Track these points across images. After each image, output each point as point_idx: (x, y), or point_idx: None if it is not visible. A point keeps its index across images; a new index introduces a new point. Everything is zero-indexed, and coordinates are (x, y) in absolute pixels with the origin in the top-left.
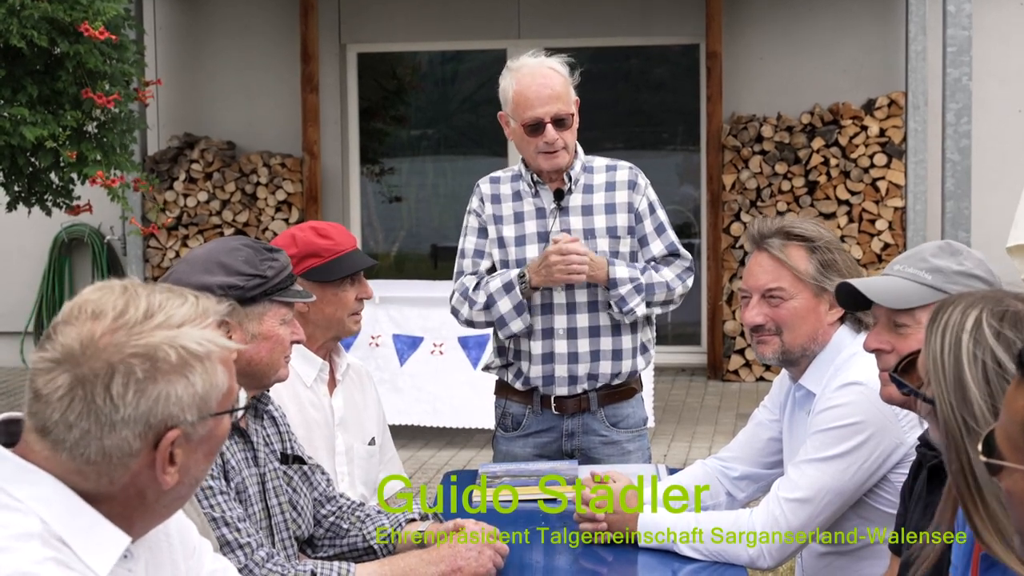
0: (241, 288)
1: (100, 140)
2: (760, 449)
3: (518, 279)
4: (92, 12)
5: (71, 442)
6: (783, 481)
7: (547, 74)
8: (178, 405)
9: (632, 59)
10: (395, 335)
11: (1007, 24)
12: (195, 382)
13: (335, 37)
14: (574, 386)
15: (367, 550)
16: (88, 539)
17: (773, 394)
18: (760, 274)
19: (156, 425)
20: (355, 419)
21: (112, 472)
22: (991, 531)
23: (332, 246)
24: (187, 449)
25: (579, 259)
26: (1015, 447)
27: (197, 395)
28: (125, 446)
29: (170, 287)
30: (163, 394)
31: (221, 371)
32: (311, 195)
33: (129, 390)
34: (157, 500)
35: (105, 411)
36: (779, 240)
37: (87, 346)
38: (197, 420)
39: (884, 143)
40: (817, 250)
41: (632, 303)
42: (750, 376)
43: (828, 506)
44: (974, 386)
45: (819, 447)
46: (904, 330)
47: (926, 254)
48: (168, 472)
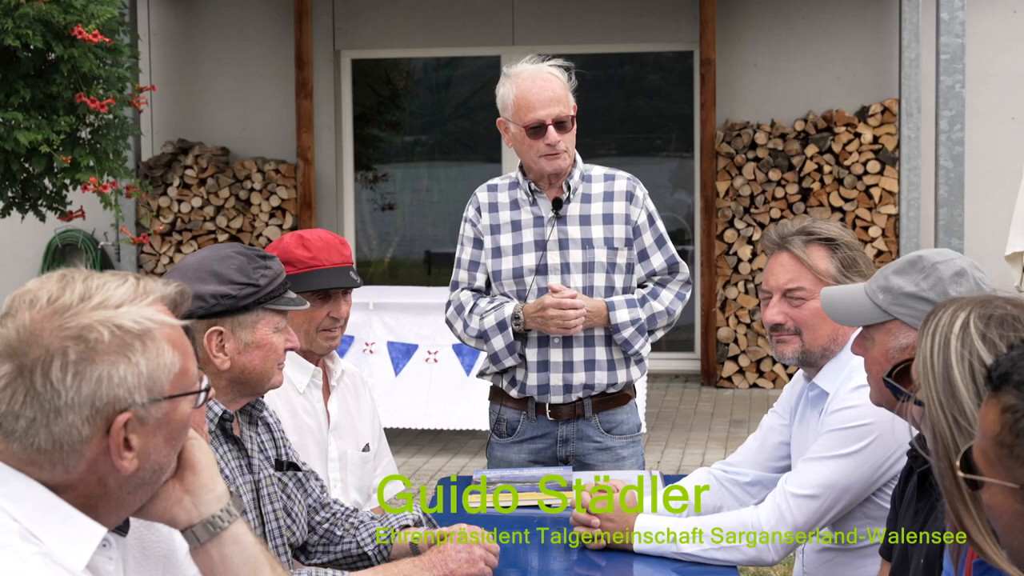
0: (234, 297)
1: (94, 146)
2: (771, 454)
3: (512, 320)
4: (86, 16)
5: (20, 432)
6: (791, 476)
7: (547, 77)
8: (123, 387)
9: (626, 66)
10: (389, 342)
11: (1000, 32)
12: (137, 362)
13: (329, 43)
14: (569, 394)
15: (361, 556)
16: (61, 533)
17: (783, 399)
18: (781, 273)
19: (103, 409)
20: (349, 425)
21: (66, 460)
22: (983, 532)
23: (308, 259)
24: (143, 433)
25: (575, 314)
26: (990, 462)
27: (143, 375)
28: (74, 432)
29: (112, 272)
30: (104, 375)
31: (168, 350)
32: (305, 201)
33: (67, 373)
34: (120, 487)
35: (47, 397)
36: (800, 239)
37: (24, 334)
38: (148, 402)
39: (877, 150)
40: (838, 250)
41: (637, 345)
42: (743, 383)
43: (835, 504)
44: (963, 387)
45: (831, 446)
46: (869, 343)
47: (890, 271)
48: (125, 457)
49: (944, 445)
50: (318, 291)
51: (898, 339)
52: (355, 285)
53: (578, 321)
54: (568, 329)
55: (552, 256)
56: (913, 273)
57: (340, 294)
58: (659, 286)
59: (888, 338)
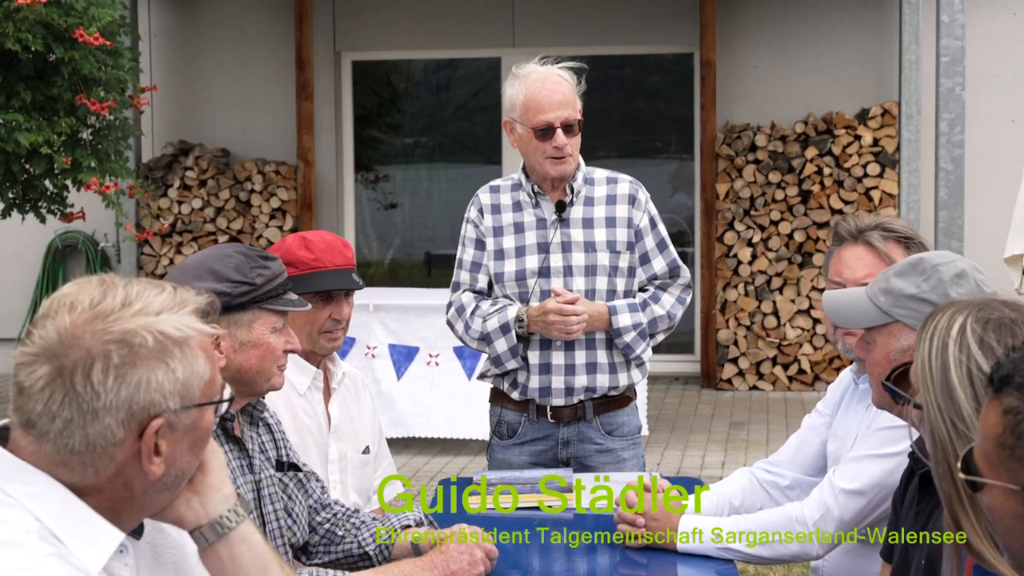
0: (228, 295)
1: (95, 147)
2: (812, 454)
3: (515, 323)
4: (87, 18)
5: (55, 432)
6: (839, 471)
7: (557, 80)
8: (159, 392)
9: (626, 67)
10: (391, 345)
11: (1000, 34)
12: (175, 368)
13: (330, 45)
14: (570, 397)
15: (362, 556)
16: (81, 535)
17: (828, 399)
18: (859, 267)
19: (139, 413)
20: (349, 427)
21: (97, 462)
22: (981, 536)
23: (310, 260)
24: (172, 439)
25: (577, 320)
26: (991, 464)
27: (178, 382)
28: (108, 435)
29: (148, 279)
30: (144, 380)
31: (201, 358)
32: (305, 202)
33: (109, 376)
34: (144, 492)
35: (86, 398)
36: (879, 234)
37: (65, 336)
38: (180, 409)
39: (877, 152)
40: (912, 247)
41: (638, 350)
42: (743, 385)
43: (883, 501)
44: (961, 390)
45: (881, 443)
46: (870, 345)
47: (891, 272)
48: (154, 462)
49: (943, 448)
50: (320, 292)
51: (899, 341)
52: (357, 287)
53: (579, 327)
54: (569, 334)
55: (555, 259)
56: (914, 275)
57: (342, 296)
58: (660, 290)
59: (890, 340)
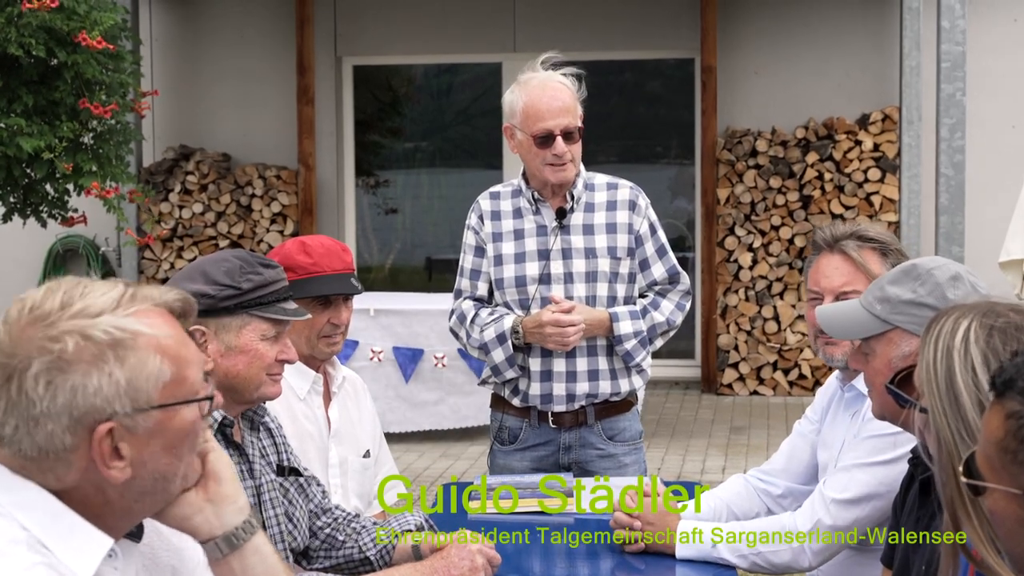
0: (212, 297)
1: (96, 151)
2: (804, 462)
3: (511, 333)
4: (89, 22)
5: (7, 437)
6: (830, 481)
7: (557, 87)
8: (99, 396)
9: (627, 72)
10: (395, 347)
11: (1001, 40)
12: (111, 372)
13: (331, 49)
14: (572, 403)
15: (363, 561)
16: (69, 543)
17: (816, 404)
18: (835, 276)
19: (82, 419)
20: (349, 432)
21: (55, 468)
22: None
23: (309, 265)
24: (134, 443)
25: (574, 331)
26: (993, 467)
27: (120, 385)
28: (56, 441)
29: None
30: (78, 385)
31: (154, 359)
32: (306, 207)
33: (39, 383)
34: (121, 496)
35: (23, 405)
36: (854, 242)
37: (5, 341)
38: (133, 411)
39: (878, 158)
40: (889, 254)
41: (638, 357)
42: (744, 390)
43: (873, 510)
44: (965, 395)
45: (870, 451)
46: (869, 356)
47: (885, 281)
48: (113, 466)
49: (948, 452)
50: (319, 297)
51: (900, 347)
52: (356, 292)
53: (576, 337)
54: (566, 345)
55: (556, 266)
56: (909, 281)
57: (341, 300)
58: (660, 296)
59: (890, 347)
